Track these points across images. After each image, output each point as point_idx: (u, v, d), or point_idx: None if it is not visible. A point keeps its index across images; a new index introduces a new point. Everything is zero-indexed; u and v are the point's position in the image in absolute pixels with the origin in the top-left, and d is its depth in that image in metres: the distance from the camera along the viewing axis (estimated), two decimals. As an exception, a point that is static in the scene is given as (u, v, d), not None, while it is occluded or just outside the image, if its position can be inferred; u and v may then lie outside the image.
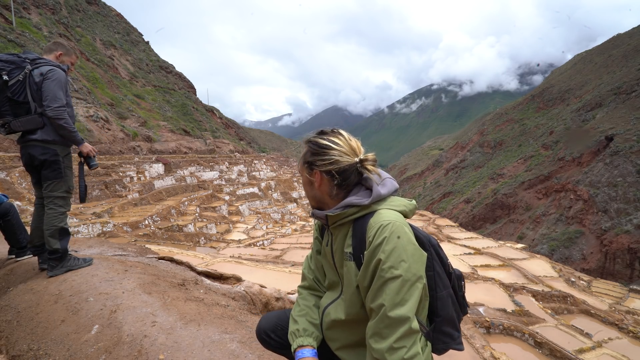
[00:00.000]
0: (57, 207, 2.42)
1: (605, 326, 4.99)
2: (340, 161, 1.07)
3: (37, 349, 1.57)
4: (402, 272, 0.92)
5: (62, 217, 2.43)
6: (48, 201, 2.42)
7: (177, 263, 2.99)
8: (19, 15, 20.24)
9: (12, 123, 2.32)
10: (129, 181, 11.97)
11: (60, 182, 2.43)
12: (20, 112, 2.32)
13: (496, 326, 3.30)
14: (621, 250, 27.06)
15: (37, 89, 2.32)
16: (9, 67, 2.28)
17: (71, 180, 2.52)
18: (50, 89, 2.31)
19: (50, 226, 2.38)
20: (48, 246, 2.37)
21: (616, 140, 35.38)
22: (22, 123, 2.33)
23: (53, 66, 2.38)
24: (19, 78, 2.28)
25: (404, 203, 1.09)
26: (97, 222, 6.94)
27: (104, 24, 34.52)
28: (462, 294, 1.18)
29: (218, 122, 37.35)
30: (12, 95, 2.28)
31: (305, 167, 1.13)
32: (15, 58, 2.32)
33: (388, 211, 1.03)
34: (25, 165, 2.49)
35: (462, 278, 1.19)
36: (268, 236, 9.64)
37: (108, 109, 18.90)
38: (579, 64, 69.68)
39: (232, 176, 19.22)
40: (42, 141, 2.38)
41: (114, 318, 1.64)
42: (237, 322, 1.71)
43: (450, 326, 1.12)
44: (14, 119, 2.32)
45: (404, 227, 0.98)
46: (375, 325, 0.94)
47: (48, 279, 2.27)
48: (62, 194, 2.45)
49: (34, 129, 2.36)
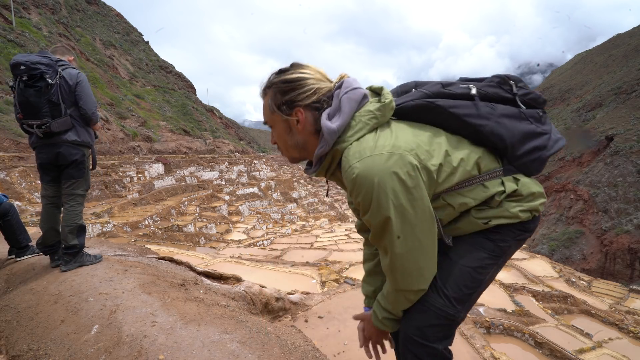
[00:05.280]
0: (77, 205, 2.58)
1: (605, 326, 4.99)
2: (321, 88, 0.98)
3: (37, 349, 1.57)
4: (392, 216, 0.89)
5: (81, 214, 2.59)
6: (69, 199, 2.56)
7: (177, 263, 2.99)
8: (18, 15, 20.24)
9: (52, 124, 2.41)
10: (128, 181, 11.96)
11: (82, 180, 2.60)
12: (56, 114, 2.43)
13: (496, 326, 3.30)
14: (621, 250, 27.04)
15: (68, 91, 2.44)
16: (50, 70, 2.38)
17: (90, 179, 2.71)
18: (86, 93, 2.50)
19: (71, 222, 2.51)
20: (65, 242, 2.46)
21: (616, 140, 35.37)
22: (59, 124, 2.44)
23: (69, 68, 2.49)
24: (56, 80, 2.39)
25: (370, 114, 0.95)
26: (96, 222, 6.94)
27: (103, 24, 34.53)
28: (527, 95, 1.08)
29: (218, 122, 37.36)
30: (51, 97, 2.38)
31: (281, 112, 0.99)
32: (50, 60, 2.43)
33: (357, 146, 0.91)
34: (47, 164, 2.57)
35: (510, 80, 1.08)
36: (268, 236, 9.63)
37: (108, 109, 18.90)
38: (579, 64, 69.65)
39: (232, 176, 19.21)
40: (72, 142, 2.51)
41: (113, 318, 1.64)
42: (237, 322, 1.70)
43: (526, 142, 1.04)
44: (52, 120, 2.42)
45: (371, 170, 0.86)
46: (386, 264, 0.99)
47: (48, 279, 2.27)
48: (83, 192, 2.62)
49: (66, 129, 2.48)
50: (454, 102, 1.01)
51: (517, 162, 1.05)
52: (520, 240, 1.07)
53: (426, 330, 1.02)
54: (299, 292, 3.19)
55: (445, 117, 1.00)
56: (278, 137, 1.04)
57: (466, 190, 1.01)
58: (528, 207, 1.03)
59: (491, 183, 1.02)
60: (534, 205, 1.03)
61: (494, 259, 1.04)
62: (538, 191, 1.05)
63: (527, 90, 1.08)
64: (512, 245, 1.06)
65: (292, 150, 1.04)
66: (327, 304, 2.87)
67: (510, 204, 1.02)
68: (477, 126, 1.01)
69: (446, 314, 1.01)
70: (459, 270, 1.03)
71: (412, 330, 1.04)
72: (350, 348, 2.22)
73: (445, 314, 1.01)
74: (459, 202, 1.01)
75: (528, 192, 1.03)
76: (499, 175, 1.03)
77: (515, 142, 1.02)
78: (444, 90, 1.04)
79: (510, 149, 1.03)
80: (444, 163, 0.96)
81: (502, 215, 1.02)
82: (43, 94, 2.34)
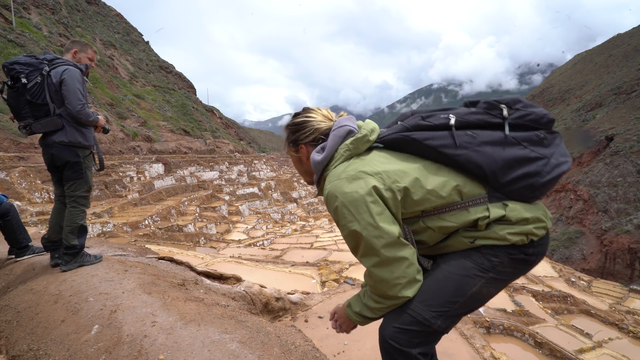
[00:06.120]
0: (78, 206, 2.53)
1: (605, 326, 4.99)
2: (320, 128, 1.17)
3: (37, 349, 1.57)
4: (359, 229, 0.99)
5: (82, 215, 2.54)
6: (70, 200, 2.52)
7: (177, 263, 2.99)
8: (18, 15, 20.22)
9: (32, 125, 2.36)
10: (128, 181, 11.96)
11: (82, 182, 2.52)
12: (39, 114, 2.36)
13: (496, 326, 3.30)
14: (621, 250, 27.03)
15: (55, 91, 2.35)
16: (27, 70, 2.31)
17: (91, 179, 2.61)
18: (70, 90, 2.34)
19: (72, 223, 2.48)
20: (66, 242, 2.45)
21: (616, 140, 35.37)
22: (42, 125, 2.37)
23: (68, 65, 2.40)
24: (37, 80, 2.31)
25: (345, 147, 1.09)
26: (97, 222, 6.94)
27: (103, 24, 34.51)
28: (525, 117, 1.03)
29: (218, 122, 37.33)
30: (31, 98, 2.32)
31: (291, 147, 1.23)
32: (34, 60, 2.36)
33: (333, 172, 1.08)
34: (48, 165, 2.56)
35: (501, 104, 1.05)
36: (268, 236, 9.63)
37: (108, 109, 18.89)
38: (579, 64, 69.61)
39: (232, 176, 19.21)
40: (62, 142, 2.42)
41: (114, 318, 1.64)
42: (237, 322, 1.70)
43: (513, 169, 1.01)
44: (34, 121, 2.36)
45: (336, 189, 1.02)
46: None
47: (48, 279, 2.27)
48: (84, 193, 2.55)
49: (54, 130, 2.40)
50: (430, 134, 1.05)
51: (505, 190, 1.03)
52: (515, 259, 1.03)
53: (399, 333, 1.02)
54: (299, 292, 3.19)
55: (422, 148, 1.06)
56: (294, 165, 1.29)
57: (447, 215, 1.03)
58: (520, 230, 1.01)
59: (475, 209, 1.02)
60: (526, 229, 1.01)
61: (482, 272, 1.02)
62: (533, 216, 1.02)
63: (525, 111, 1.04)
64: (505, 263, 1.03)
65: (305, 175, 1.28)
66: (327, 304, 2.87)
67: (498, 227, 1.01)
68: (453, 156, 1.03)
69: (423, 319, 1.00)
70: (443, 277, 1.04)
71: (387, 331, 1.05)
72: (350, 348, 2.22)
73: (421, 318, 1.00)
74: (439, 225, 1.04)
75: (518, 217, 1.01)
76: (483, 202, 1.03)
77: (496, 169, 1.01)
78: (423, 122, 1.08)
79: (492, 176, 1.02)
80: (412, 187, 1.01)
81: (488, 237, 1.02)
82: (20, 95, 2.30)
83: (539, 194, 1.04)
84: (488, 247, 1.03)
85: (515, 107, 1.05)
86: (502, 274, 1.04)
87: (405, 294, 1.01)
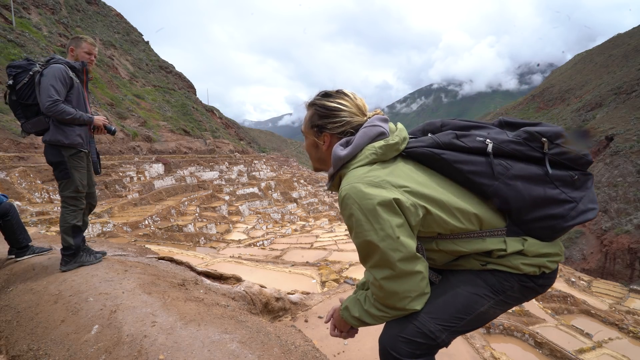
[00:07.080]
0: (68, 206, 2.51)
1: (605, 326, 4.99)
2: (351, 122, 1.08)
3: (37, 349, 1.57)
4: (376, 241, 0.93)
5: (74, 214, 2.52)
6: (61, 200, 2.53)
7: (177, 263, 2.99)
8: (18, 15, 20.22)
9: (24, 125, 2.40)
10: (128, 181, 11.96)
11: (68, 182, 2.48)
12: (30, 114, 2.39)
13: (496, 326, 3.30)
14: (621, 250, 27.04)
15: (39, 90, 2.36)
16: (14, 72, 2.33)
17: (79, 180, 2.52)
18: (43, 87, 2.30)
19: (64, 223, 2.48)
20: (63, 242, 2.46)
21: (616, 140, 35.37)
22: (32, 125, 2.39)
23: (55, 63, 2.39)
24: (24, 81, 2.32)
25: (372, 150, 1.01)
26: (96, 222, 6.94)
27: (103, 24, 34.50)
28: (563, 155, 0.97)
29: (218, 122, 37.32)
30: (20, 99, 2.34)
31: (313, 131, 1.12)
32: (24, 62, 2.38)
33: (353, 172, 1.00)
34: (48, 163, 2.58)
35: (543, 137, 0.96)
36: (268, 236, 9.63)
37: (108, 109, 18.89)
38: (579, 64, 69.64)
39: (232, 176, 19.21)
40: (48, 142, 2.43)
41: (113, 318, 1.64)
42: (237, 322, 1.70)
43: (540, 208, 0.96)
44: (26, 121, 2.39)
45: (356, 194, 0.94)
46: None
47: (48, 279, 2.27)
48: (72, 193, 2.51)
49: (43, 130, 2.41)
50: (462, 157, 0.99)
51: (525, 226, 0.99)
52: (525, 286, 1.01)
53: (402, 343, 1.00)
54: (299, 292, 3.19)
55: (450, 170, 1.00)
56: (307, 147, 1.19)
57: (461, 241, 1.00)
58: (534, 262, 0.98)
59: (492, 240, 0.99)
60: (541, 262, 0.98)
61: (493, 294, 1.00)
62: (550, 252, 0.99)
63: (564, 148, 0.98)
64: (515, 288, 1.00)
65: (316, 162, 1.19)
66: (327, 304, 2.87)
67: (513, 257, 0.98)
68: (481, 185, 0.98)
69: (428, 331, 0.99)
70: (453, 292, 1.02)
71: (387, 339, 1.03)
72: (350, 348, 2.22)
73: (427, 330, 0.99)
74: (451, 249, 1.02)
75: (536, 253, 0.98)
76: (501, 234, 0.99)
77: (523, 206, 0.96)
78: (457, 142, 1.00)
79: (516, 212, 0.97)
80: (433, 208, 0.96)
81: (501, 264, 0.99)
82: (10, 96, 2.36)
83: (557, 236, 1.00)
84: (500, 271, 1.01)
85: (556, 142, 0.98)
86: (511, 298, 1.03)
87: (413, 306, 0.99)
